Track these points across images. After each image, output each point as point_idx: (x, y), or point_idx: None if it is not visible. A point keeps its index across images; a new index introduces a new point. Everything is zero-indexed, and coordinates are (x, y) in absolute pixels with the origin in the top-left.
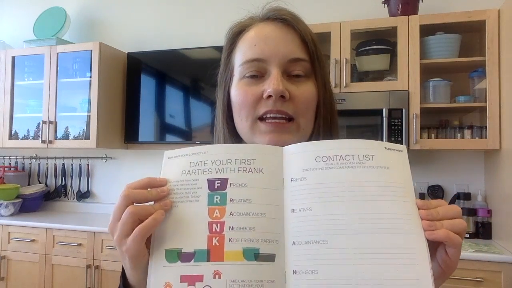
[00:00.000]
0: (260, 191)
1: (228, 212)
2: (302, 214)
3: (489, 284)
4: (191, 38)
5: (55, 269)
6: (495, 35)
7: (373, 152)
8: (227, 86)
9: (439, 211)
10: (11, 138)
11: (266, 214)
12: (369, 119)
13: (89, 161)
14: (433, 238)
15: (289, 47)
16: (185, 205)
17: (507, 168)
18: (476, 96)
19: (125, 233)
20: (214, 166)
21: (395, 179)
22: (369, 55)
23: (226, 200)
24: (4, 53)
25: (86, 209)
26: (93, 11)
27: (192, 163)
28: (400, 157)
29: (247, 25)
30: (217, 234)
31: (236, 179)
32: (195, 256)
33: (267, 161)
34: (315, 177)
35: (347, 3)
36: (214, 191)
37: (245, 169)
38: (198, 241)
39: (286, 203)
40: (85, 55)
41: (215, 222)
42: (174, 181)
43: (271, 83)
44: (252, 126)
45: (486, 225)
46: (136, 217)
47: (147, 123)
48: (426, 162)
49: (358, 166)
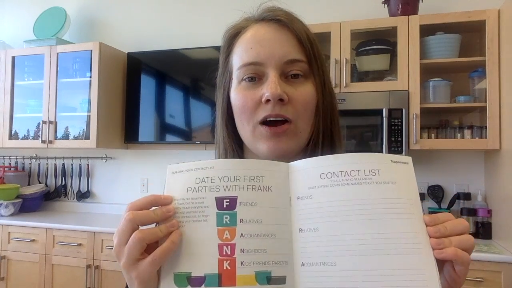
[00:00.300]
0: (270, 210)
1: (239, 234)
2: (309, 234)
3: (489, 284)
4: (191, 38)
5: (55, 269)
6: (495, 35)
7: (379, 166)
8: (226, 89)
9: (447, 226)
10: (11, 138)
11: (276, 235)
12: (369, 119)
13: (89, 161)
14: (442, 257)
15: (285, 48)
16: (192, 225)
17: (507, 168)
18: (476, 96)
19: (134, 258)
20: (222, 183)
21: (402, 195)
22: (369, 55)
23: (236, 221)
24: (4, 53)
25: (86, 209)
26: (93, 11)
27: (198, 179)
28: (406, 170)
29: (243, 27)
30: (228, 257)
31: (246, 198)
32: (205, 281)
33: (275, 178)
34: (321, 195)
35: (347, 3)
36: (223, 210)
37: (255, 186)
38: (208, 265)
39: (294, 222)
40: (85, 55)
41: (225, 244)
42: (180, 198)
43: (268, 87)
44: (253, 130)
45: (486, 225)
46: (143, 243)
47: (147, 123)
48: (426, 162)
49: (364, 182)
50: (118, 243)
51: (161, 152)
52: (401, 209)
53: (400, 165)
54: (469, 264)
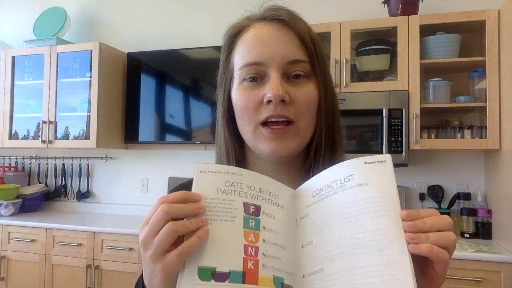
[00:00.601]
0: (283, 225)
1: (262, 238)
2: (307, 248)
3: (489, 284)
4: (191, 38)
5: (55, 269)
6: (495, 35)
7: (352, 171)
8: (227, 89)
9: (426, 221)
10: (11, 138)
11: (287, 248)
12: (369, 119)
13: (89, 161)
14: (416, 252)
15: (288, 49)
16: (220, 224)
17: (507, 168)
18: (476, 96)
19: (163, 249)
20: (249, 191)
21: (375, 194)
22: (369, 55)
23: (260, 226)
24: (4, 53)
25: (86, 209)
26: (93, 11)
27: (228, 182)
28: (381, 168)
29: (244, 26)
30: (252, 258)
31: (267, 209)
32: (230, 277)
33: (286, 200)
34: (313, 211)
35: (347, 3)
36: (249, 215)
37: (273, 201)
38: (234, 262)
39: (298, 239)
40: (85, 55)
41: (250, 246)
42: (209, 198)
43: (270, 88)
44: (255, 131)
45: (486, 225)
46: (176, 234)
47: (147, 123)
48: (426, 162)
49: (340, 190)
50: (148, 233)
51: (161, 152)
52: (375, 208)
53: (374, 165)
54: (448, 262)
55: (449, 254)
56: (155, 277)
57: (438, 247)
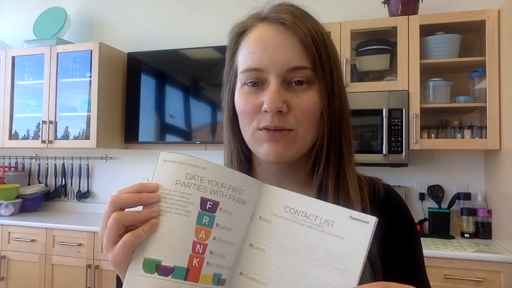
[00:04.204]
0: (238, 222)
1: (212, 236)
2: (256, 251)
3: (489, 284)
4: (191, 38)
5: (55, 269)
6: (495, 35)
7: (335, 218)
8: (232, 89)
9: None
10: (11, 138)
11: (235, 244)
12: (369, 119)
13: (89, 161)
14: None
15: (289, 55)
16: (173, 217)
17: (507, 168)
18: (476, 96)
19: (112, 239)
20: (210, 186)
21: (343, 251)
22: (369, 55)
23: (213, 224)
24: (4, 53)
25: (86, 209)
26: (93, 11)
27: (189, 175)
28: (361, 229)
29: (248, 26)
30: (198, 255)
31: (226, 205)
32: (173, 272)
33: (251, 195)
34: (279, 224)
35: (347, 3)
36: (204, 211)
37: (234, 198)
38: (180, 258)
39: (248, 236)
40: (85, 55)
41: (199, 243)
42: (167, 189)
43: (267, 98)
44: (253, 134)
45: (486, 225)
46: (120, 224)
47: (147, 123)
48: (426, 162)
49: (316, 228)
50: (102, 226)
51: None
52: (336, 263)
53: (357, 223)
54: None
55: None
56: (113, 267)
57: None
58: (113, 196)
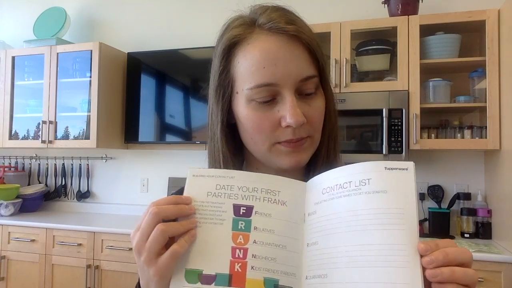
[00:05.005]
0: (283, 223)
1: (252, 240)
2: (312, 248)
3: (489, 284)
4: (191, 38)
5: (55, 269)
6: (495, 35)
7: (370, 175)
8: (227, 103)
9: (448, 253)
10: (11, 138)
11: (287, 247)
12: (369, 119)
13: (89, 161)
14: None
15: (300, 66)
16: (209, 227)
17: (507, 168)
18: (476, 96)
19: (156, 251)
20: (240, 192)
21: (392, 204)
22: (369, 55)
23: (251, 228)
24: (4, 53)
25: (86, 209)
26: (93, 11)
27: (219, 185)
28: (402, 177)
29: (243, 35)
30: (239, 260)
31: (261, 208)
32: (216, 280)
33: (290, 194)
34: (322, 210)
35: (347, 3)
36: (239, 216)
37: (270, 199)
38: (220, 265)
39: (305, 237)
40: (85, 55)
41: (238, 248)
42: (199, 201)
43: (290, 114)
44: (270, 148)
45: (486, 225)
46: (166, 235)
47: (147, 123)
48: (426, 162)
49: (354, 193)
50: (140, 238)
51: (161, 152)
52: (389, 220)
53: (395, 172)
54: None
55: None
56: (151, 282)
57: (462, 286)
58: (156, 208)
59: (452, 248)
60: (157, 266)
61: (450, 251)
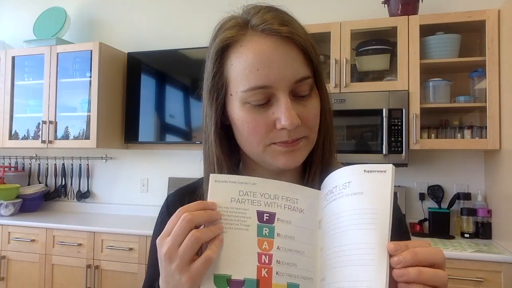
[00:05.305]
0: (301, 230)
1: (276, 246)
2: (321, 253)
3: (489, 284)
4: (191, 38)
5: (55, 269)
6: (495, 35)
7: (350, 178)
8: (220, 104)
9: (418, 252)
10: (11, 138)
11: (305, 253)
12: (369, 119)
13: (89, 161)
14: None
15: (294, 67)
16: (234, 232)
17: (507, 168)
18: (476, 96)
19: (189, 258)
20: (263, 199)
21: (366, 205)
22: (369, 55)
23: (274, 234)
24: (4, 53)
25: (86, 209)
26: (93, 11)
27: (242, 192)
28: (380, 178)
29: (235, 37)
30: (265, 266)
31: (283, 215)
32: (244, 285)
33: (307, 202)
34: (325, 214)
35: (347, 3)
36: (263, 223)
37: (290, 207)
38: (248, 270)
39: (318, 242)
40: (85, 55)
41: (264, 254)
42: (224, 206)
43: (284, 116)
44: (264, 150)
45: (486, 225)
46: (201, 242)
47: (147, 123)
48: (426, 162)
49: (338, 196)
50: (172, 245)
51: (161, 152)
52: (363, 220)
53: (373, 174)
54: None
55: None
56: (179, 287)
57: (430, 287)
58: (188, 214)
59: (422, 248)
60: (190, 273)
61: (420, 251)
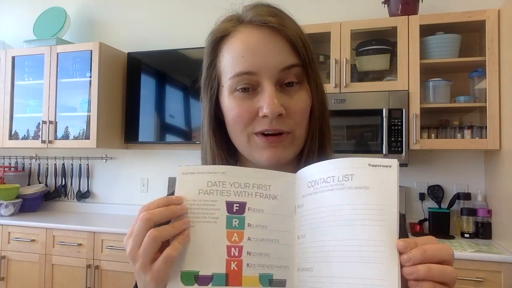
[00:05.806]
0: (274, 217)
1: (246, 237)
2: (301, 241)
3: (489, 284)
4: (191, 38)
5: (55, 269)
6: (495, 35)
7: (353, 171)
8: (214, 96)
9: (427, 250)
10: (11, 138)
11: (279, 241)
12: (369, 119)
13: (89, 161)
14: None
15: (279, 56)
16: (202, 226)
17: (507, 168)
18: (476, 96)
19: (150, 257)
20: (233, 189)
21: (372, 200)
22: (369, 55)
23: (244, 225)
24: (4, 53)
25: (86, 209)
26: (93, 11)
27: (210, 182)
28: (385, 174)
29: (229, 30)
30: (235, 259)
31: (254, 204)
32: (213, 280)
33: (281, 188)
34: (308, 203)
35: (347, 3)
36: (232, 214)
37: (262, 194)
38: (216, 265)
39: (295, 229)
40: (85, 55)
41: (233, 246)
42: (191, 199)
43: (266, 103)
44: (249, 140)
45: (486, 225)
46: (159, 241)
47: (147, 123)
48: (426, 162)
49: (337, 188)
50: (133, 245)
51: (161, 152)
52: (370, 216)
53: (378, 169)
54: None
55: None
56: (146, 287)
57: (439, 284)
58: (146, 213)
59: (431, 245)
60: (153, 272)
61: (429, 248)
